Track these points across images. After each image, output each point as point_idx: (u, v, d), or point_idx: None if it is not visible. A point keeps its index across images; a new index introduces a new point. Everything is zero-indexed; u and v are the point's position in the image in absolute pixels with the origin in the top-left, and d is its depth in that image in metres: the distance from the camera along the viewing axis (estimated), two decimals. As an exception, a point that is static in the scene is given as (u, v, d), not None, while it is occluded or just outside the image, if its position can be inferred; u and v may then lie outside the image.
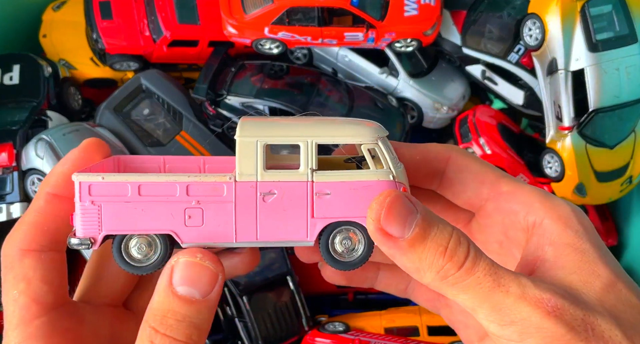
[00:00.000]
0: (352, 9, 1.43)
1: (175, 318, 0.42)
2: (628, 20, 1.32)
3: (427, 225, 0.41)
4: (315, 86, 1.54)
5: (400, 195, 0.43)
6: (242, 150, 0.47)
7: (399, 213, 0.41)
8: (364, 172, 0.48)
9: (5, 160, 1.33)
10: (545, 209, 0.45)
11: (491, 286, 0.40)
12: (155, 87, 1.54)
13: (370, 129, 0.48)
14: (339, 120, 0.51)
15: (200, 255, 0.43)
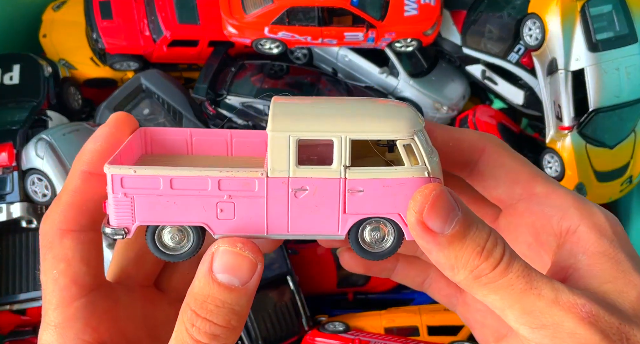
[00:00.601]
0: (352, 8, 1.43)
1: (215, 304, 0.43)
2: (628, 20, 1.32)
3: (467, 223, 0.41)
4: (315, 86, 1.54)
5: (445, 191, 0.42)
6: (274, 145, 0.46)
7: (442, 208, 0.41)
8: (399, 169, 0.47)
9: (5, 160, 1.33)
10: (580, 215, 0.44)
11: (523, 288, 0.39)
12: (155, 87, 1.54)
13: (407, 123, 0.47)
14: (374, 109, 0.49)
15: (241, 245, 0.44)
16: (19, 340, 1.41)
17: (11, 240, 1.36)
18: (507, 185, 0.48)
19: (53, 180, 1.31)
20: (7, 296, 1.34)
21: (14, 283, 1.34)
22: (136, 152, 0.55)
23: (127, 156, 0.52)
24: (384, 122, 0.47)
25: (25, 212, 1.32)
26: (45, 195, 1.33)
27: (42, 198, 1.33)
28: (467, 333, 1.38)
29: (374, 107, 0.50)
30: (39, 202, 1.34)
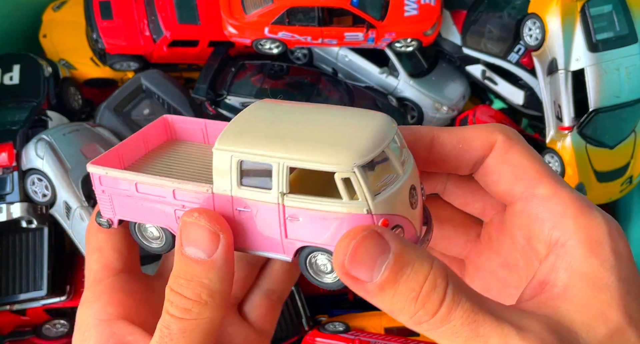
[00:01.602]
0: (352, 9, 1.43)
1: (185, 278, 0.43)
2: (628, 20, 1.32)
3: (399, 266, 0.37)
4: (315, 86, 1.54)
5: (369, 235, 0.38)
6: (217, 163, 0.46)
7: (366, 255, 0.37)
8: (335, 202, 0.43)
9: (5, 160, 1.33)
10: (575, 227, 0.40)
11: (468, 336, 0.36)
12: (155, 87, 1.54)
13: (348, 155, 0.42)
14: (328, 133, 0.45)
15: (197, 214, 0.44)
16: (19, 340, 1.41)
17: (11, 240, 1.36)
18: (510, 182, 0.45)
19: (53, 180, 1.31)
20: (7, 296, 1.34)
21: (14, 283, 1.34)
22: (162, 137, 0.62)
23: (152, 140, 0.60)
24: (324, 152, 0.43)
25: (25, 212, 1.32)
26: (45, 195, 1.33)
27: (42, 198, 1.33)
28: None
29: (331, 129, 0.46)
30: (39, 202, 1.34)
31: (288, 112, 0.51)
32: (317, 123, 0.47)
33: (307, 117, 0.49)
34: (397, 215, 0.44)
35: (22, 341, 1.41)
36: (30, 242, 1.37)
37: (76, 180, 1.32)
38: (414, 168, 0.47)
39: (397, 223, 0.44)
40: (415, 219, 0.46)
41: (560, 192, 0.43)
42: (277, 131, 0.46)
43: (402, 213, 0.44)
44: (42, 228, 1.36)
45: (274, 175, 0.44)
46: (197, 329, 0.43)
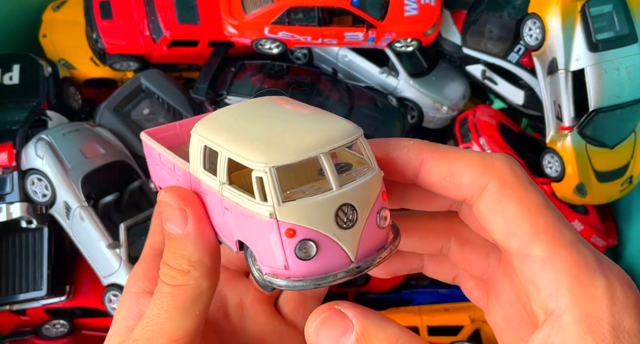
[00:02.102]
0: (352, 8, 1.43)
1: (170, 250, 0.47)
2: (628, 20, 1.32)
3: (364, 343, 0.38)
4: (315, 86, 1.54)
5: (331, 315, 0.39)
6: (192, 145, 0.49)
7: (328, 336, 0.39)
8: (251, 201, 0.43)
9: (5, 160, 1.33)
10: (571, 300, 0.35)
11: None
12: (155, 87, 1.54)
13: (267, 155, 0.41)
14: (273, 132, 0.45)
15: (164, 193, 0.47)
16: (19, 340, 1.41)
17: (11, 240, 1.36)
18: (503, 235, 0.40)
19: (53, 180, 1.31)
20: (7, 296, 1.34)
21: (13, 283, 1.34)
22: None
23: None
24: (254, 148, 0.43)
25: (25, 212, 1.32)
26: (45, 195, 1.33)
27: (42, 198, 1.33)
28: (467, 333, 1.37)
29: (283, 130, 0.45)
30: (39, 202, 1.33)
31: (267, 110, 0.50)
32: (278, 124, 0.46)
33: (277, 116, 0.48)
34: (311, 229, 0.42)
35: (22, 341, 1.41)
36: (30, 242, 1.37)
37: (76, 180, 1.32)
38: (362, 188, 0.43)
39: (309, 237, 0.42)
40: (346, 240, 0.43)
41: (557, 255, 0.37)
42: (238, 125, 0.47)
43: (321, 229, 0.42)
44: (41, 228, 1.36)
45: (218, 164, 0.45)
46: (184, 294, 0.46)
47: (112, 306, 1.34)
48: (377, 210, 0.44)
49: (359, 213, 0.43)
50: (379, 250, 0.45)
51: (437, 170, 0.42)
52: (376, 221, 0.44)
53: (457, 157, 0.42)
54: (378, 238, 0.45)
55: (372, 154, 0.45)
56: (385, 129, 1.53)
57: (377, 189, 0.44)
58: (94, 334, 1.44)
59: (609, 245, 1.55)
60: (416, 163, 0.43)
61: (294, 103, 0.52)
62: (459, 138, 1.57)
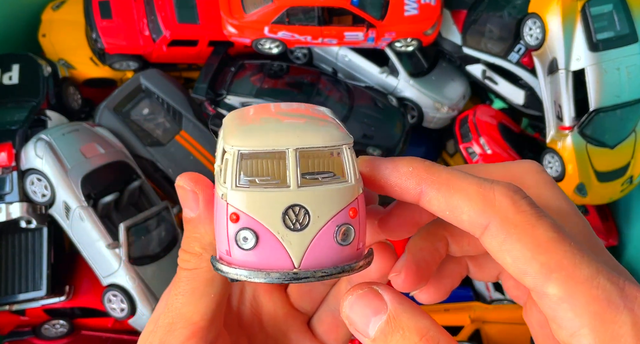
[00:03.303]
0: (352, 8, 1.43)
1: (185, 235, 0.47)
2: (628, 19, 1.32)
3: (391, 326, 0.37)
4: (315, 86, 1.54)
5: (366, 293, 0.39)
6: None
7: (361, 312, 0.39)
8: (218, 182, 0.43)
9: (5, 160, 1.33)
10: (594, 340, 0.34)
11: None
12: (154, 87, 1.54)
13: (240, 139, 0.42)
14: (257, 126, 0.45)
15: (179, 178, 0.47)
16: (19, 340, 1.41)
17: (11, 240, 1.36)
18: (516, 274, 0.37)
19: (52, 180, 1.31)
20: (7, 296, 1.34)
21: (13, 283, 1.34)
22: None
23: None
24: (233, 135, 0.43)
25: (25, 212, 1.32)
26: (44, 195, 1.32)
27: (42, 198, 1.33)
28: (467, 333, 1.37)
29: (277, 124, 0.45)
30: (38, 202, 1.33)
31: (278, 110, 0.49)
32: (273, 122, 0.46)
33: (280, 116, 0.48)
34: (254, 219, 0.41)
35: (22, 341, 1.41)
36: (30, 242, 1.37)
37: (75, 180, 1.31)
38: (323, 195, 0.42)
39: (250, 226, 0.41)
40: (291, 243, 0.41)
41: (575, 293, 0.35)
42: (243, 122, 0.46)
43: (265, 223, 0.41)
44: (41, 228, 1.36)
45: (217, 153, 0.46)
46: (197, 277, 0.47)
47: (112, 306, 1.34)
48: (337, 223, 0.42)
49: (311, 219, 0.41)
50: (336, 267, 0.42)
51: (436, 203, 0.40)
52: (334, 234, 0.42)
53: (456, 190, 0.39)
54: (335, 254, 0.42)
55: (354, 167, 0.42)
56: (385, 129, 1.53)
57: (343, 202, 0.42)
58: (93, 334, 1.43)
59: (609, 245, 1.55)
60: (415, 193, 0.41)
61: (311, 108, 0.51)
62: (459, 138, 1.57)
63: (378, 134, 1.52)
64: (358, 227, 0.42)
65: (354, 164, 0.42)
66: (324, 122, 0.46)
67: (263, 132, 0.43)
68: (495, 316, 1.41)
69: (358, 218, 0.42)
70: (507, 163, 0.44)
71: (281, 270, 0.42)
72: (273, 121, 0.46)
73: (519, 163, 0.44)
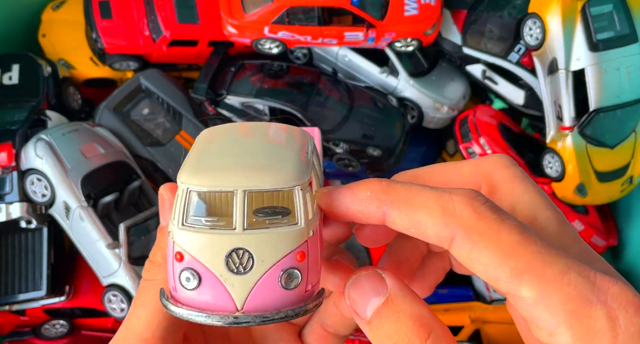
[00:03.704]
0: (352, 8, 1.43)
1: (154, 245, 0.47)
2: (629, 19, 1.32)
3: (388, 309, 0.38)
4: (315, 86, 1.54)
5: (368, 275, 0.40)
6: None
7: (361, 293, 0.40)
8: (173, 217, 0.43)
9: (5, 160, 1.33)
10: (572, 338, 0.34)
11: None
12: (155, 87, 1.54)
13: (191, 176, 0.42)
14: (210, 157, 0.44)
15: (162, 186, 0.47)
16: (19, 340, 1.41)
17: (10, 240, 1.36)
18: (489, 281, 0.37)
19: (52, 180, 1.31)
20: (7, 296, 1.34)
21: (13, 283, 1.34)
22: None
23: None
24: (188, 169, 0.42)
25: (25, 212, 1.32)
26: (44, 195, 1.32)
27: (42, 198, 1.33)
28: (467, 333, 1.37)
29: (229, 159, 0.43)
30: (38, 202, 1.33)
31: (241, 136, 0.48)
32: (234, 153, 0.45)
33: (244, 144, 0.47)
34: (198, 260, 0.41)
35: (22, 341, 1.41)
36: (30, 242, 1.37)
37: (75, 180, 1.31)
38: (268, 239, 0.41)
39: (193, 267, 0.41)
40: (233, 285, 0.41)
41: (547, 293, 0.35)
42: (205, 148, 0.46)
43: (208, 265, 0.41)
44: (41, 228, 1.36)
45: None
46: (152, 289, 0.45)
47: (112, 306, 1.34)
48: (282, 267, 0.41)
49: (255, 263, 0.41)
50: (279, 312, 0.42)
51: (400, 222, 0.40)
52: (278, 279, 0.41)
53: (417, 207, 0.39)
54: (279, 298, 0.42)
55: (306, 209, 0.41)
56: (385, 129, 1.53)
57: (290, 246, 0.41)
58: (93, 334, 1.43)
59: (609, 245, 1.55)
60: (379, 216, 0.41)
61: (282, 134, 0.48)
62: (459, 138, 1.57)
63: (378, 134, 1.52)
64: (306, 270, 0.42)
65: (305, 206, 0.41)
66: (285, 155, 0.44)
67: (215, 168, 0.42)
68: (495, 316, 1.41)
69: (307, 260, 0.41)
70: (477, 159, 0.43)
71: (223, 312, 0.41)
72: (230, 155, 0.44)
73: (487, 159, 0.43)
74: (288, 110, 1.49)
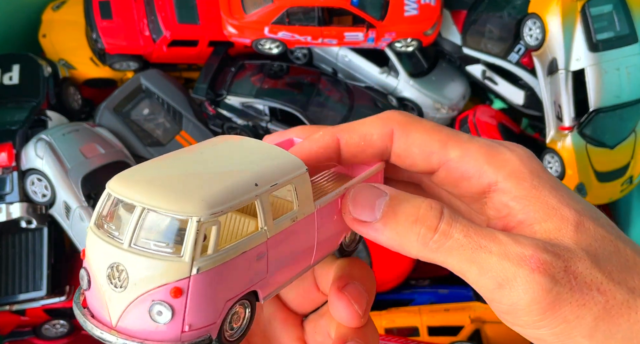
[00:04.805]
0: (352, 8, 1.43)
1: None
2: (628, 20, 1.32)
3: (395, 202, 0.43)
4: (315, 86, 1.54)
5: (366, 185, 0.45)
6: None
7: (366, 199, 0.44)
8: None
9: (5, 160, 1.33)
10: (495, 169, 0.45)
11: (472, 247, 0.40)
12: (155, 87, 1.54)
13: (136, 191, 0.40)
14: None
15: None
16: (19, 340, 1.41)
17: (11, 240, 1.36)
18: (424, 160, 0.48)
19: (52, 180, 1.31)
20: (7, 296, 1.34)
21: (13, 283, 1.34)
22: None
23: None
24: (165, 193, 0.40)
25: (25, 212, 1.32)
26: (44, 195, 1.33)
27: (42, 198, 1.33)
28: (467, 333, 1.37)
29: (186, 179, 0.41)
30: (39, 202, 1.33)
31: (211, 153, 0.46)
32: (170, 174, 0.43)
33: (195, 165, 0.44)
34: (89, 263, 0.40)
35: (22, 341, 1.41)
36: (30, 242, 1.37)
37: (76, 180, 1.31)
38: (147, 264, 0.38)
39: (86, 268, 0.40)
40: (111, 300, 0.39)
41: (468, 148, 0.46)
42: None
43: (94, 271, 0.40)
44: (41, 228, 1.36)
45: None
46: None
47: (112, 307, 1.34)
48: (154, 298, 0.38)
49: (129, 284, 0.38)
50: (145, 340, 0.39)
51: (351, 141, 0.49)
52: (148, 308, 0.38)
53: (361, 123, 0.49)
54: (149, 328, 0.39)
55: (193, 243, 0.38)
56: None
57: (165, 279, 0.38)
58: (93, 334, 1.43)
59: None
60: (334, 145, 0.49)
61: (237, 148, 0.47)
62: (459, 138, 1.57)
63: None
64: (184, 309, 0.38)
65: (196, 240, 0.38)
66: (216, 184, 0.41)
67: (139, 180, 0.40)
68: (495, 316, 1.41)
69: (185, 299, 0.38)
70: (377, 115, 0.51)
71: (101, 323, 0.40)
72: (168, 171, 0.42)
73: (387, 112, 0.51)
74: (288, 110, 1.50)
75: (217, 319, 0.39)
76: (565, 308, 0.39)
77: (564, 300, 0.39)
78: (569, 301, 0.39)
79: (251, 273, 0.41)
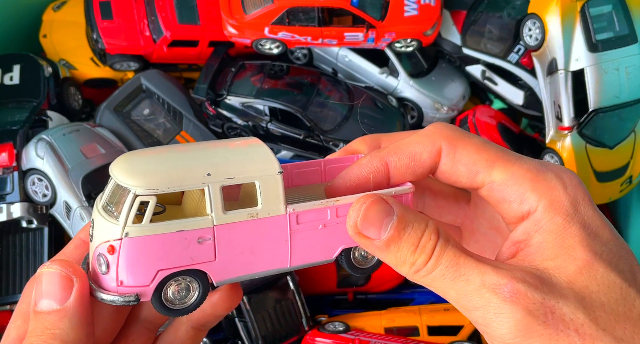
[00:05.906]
0: (352, 9, 1.43)
1: (35, 334, 0.42)
2: (628, 20, 1.32)
3: (402, 226, 0.44)
4: (316, 86, 1.54)
5: (377, 200, 0.45)
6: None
7: (375, 217, 0.45)
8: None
9: (6, 160, 1.33)
10: (538, 197, 0.45)
11: (453, 276, 0.42)
12: (155, 87, 1.54)
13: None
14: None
15: (49, 264, 0.45)
16: (19, 340, 1.41)
17: (11, 240, 1.36)
18: (469, 178, 0.48)
19: (53, 180, 1.32)
20: (7, 296, 1.34)
21: (14, 283, 1.35)
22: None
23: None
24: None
25: (26, 212, 1.32)
26: (45, 195, 1.33)
27: (42, 198, 1.33)
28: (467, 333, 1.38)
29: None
30: (39, 202, 1.34)
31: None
32: (161, 154, 0.51)
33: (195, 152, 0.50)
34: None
35: (22, 341, 1.41)
36: (31, 242, 1.37)
37: (76, 180, 1.32)
38: (102, 223, 0.45)
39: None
40: (90, 245, 0.48)
41: (513, 172, 0.47)
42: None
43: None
44: (42, 228, 1.36)
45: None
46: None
47: (113, 306, 1.35)
48: (99, 251, 0.45)
49: (94, 237, 0.46)
50: (93, 286, 0.45)
51: (400, 163, 0.49)
52: (96, 258, 0.45)
53: (409, 143, 0.50)
54: (97, 274, 0.45)
55: (127, 212, 0.44)
56: (385, 129, 1.53)
57: (105, 237, 0.44)
58: (94, 334, 1.44)
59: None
60: (383, 169, 0.50)
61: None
62: (459, 139, 1.57)
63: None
64: (116, 265, 0.44)
65: (129, 210, 0.43)
66: (171, 165, 0.46)
67: (133, 165, 0.46)
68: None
69: (117, 257, 0.43)
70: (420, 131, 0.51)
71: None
72: (156, 155, 0.49)
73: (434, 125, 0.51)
74: (288, 110, 1.50)
75: (148, 282, 0.44)
76: (536, 340, 0.39)
77: (534, 331, 0.39)
78: (540, 333, 0.39)
79: (191, 252, 0.45)
